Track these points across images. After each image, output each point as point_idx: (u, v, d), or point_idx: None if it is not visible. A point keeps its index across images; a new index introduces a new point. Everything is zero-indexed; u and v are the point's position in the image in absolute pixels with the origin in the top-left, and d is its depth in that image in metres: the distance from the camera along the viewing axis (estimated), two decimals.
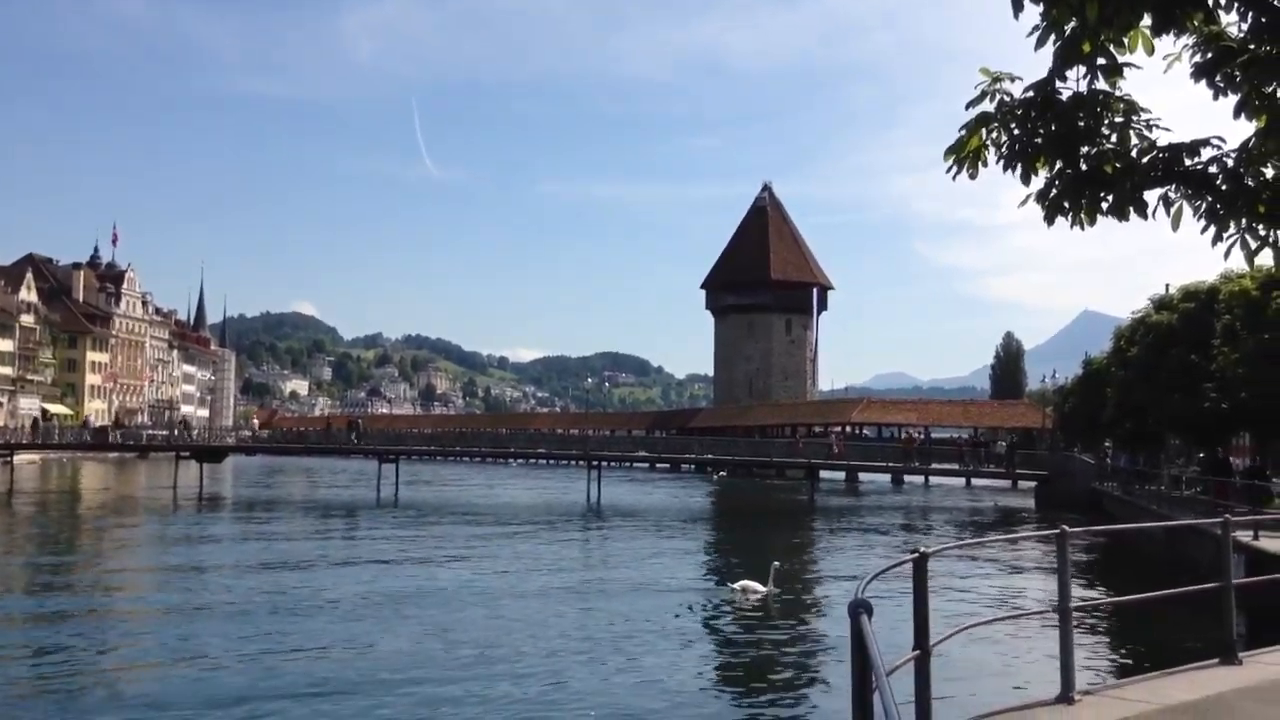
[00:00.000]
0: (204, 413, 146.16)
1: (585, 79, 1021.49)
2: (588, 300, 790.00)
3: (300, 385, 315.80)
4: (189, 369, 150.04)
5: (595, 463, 54.77)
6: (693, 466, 77.42)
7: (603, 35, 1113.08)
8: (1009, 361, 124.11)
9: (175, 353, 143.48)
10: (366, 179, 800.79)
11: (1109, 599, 16.86)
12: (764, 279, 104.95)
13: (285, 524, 37.18)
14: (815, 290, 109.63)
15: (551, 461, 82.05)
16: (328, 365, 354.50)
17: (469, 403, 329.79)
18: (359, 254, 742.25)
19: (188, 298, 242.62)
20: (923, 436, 68.42)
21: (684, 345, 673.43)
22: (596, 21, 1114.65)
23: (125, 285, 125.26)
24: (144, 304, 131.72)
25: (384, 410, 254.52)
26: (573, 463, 65.94)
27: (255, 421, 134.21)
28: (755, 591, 20.84)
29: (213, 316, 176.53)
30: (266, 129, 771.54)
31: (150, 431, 73.99)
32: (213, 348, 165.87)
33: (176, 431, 68.43)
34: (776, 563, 21.79)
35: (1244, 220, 4.42)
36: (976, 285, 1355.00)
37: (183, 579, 23.23)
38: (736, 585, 21.31)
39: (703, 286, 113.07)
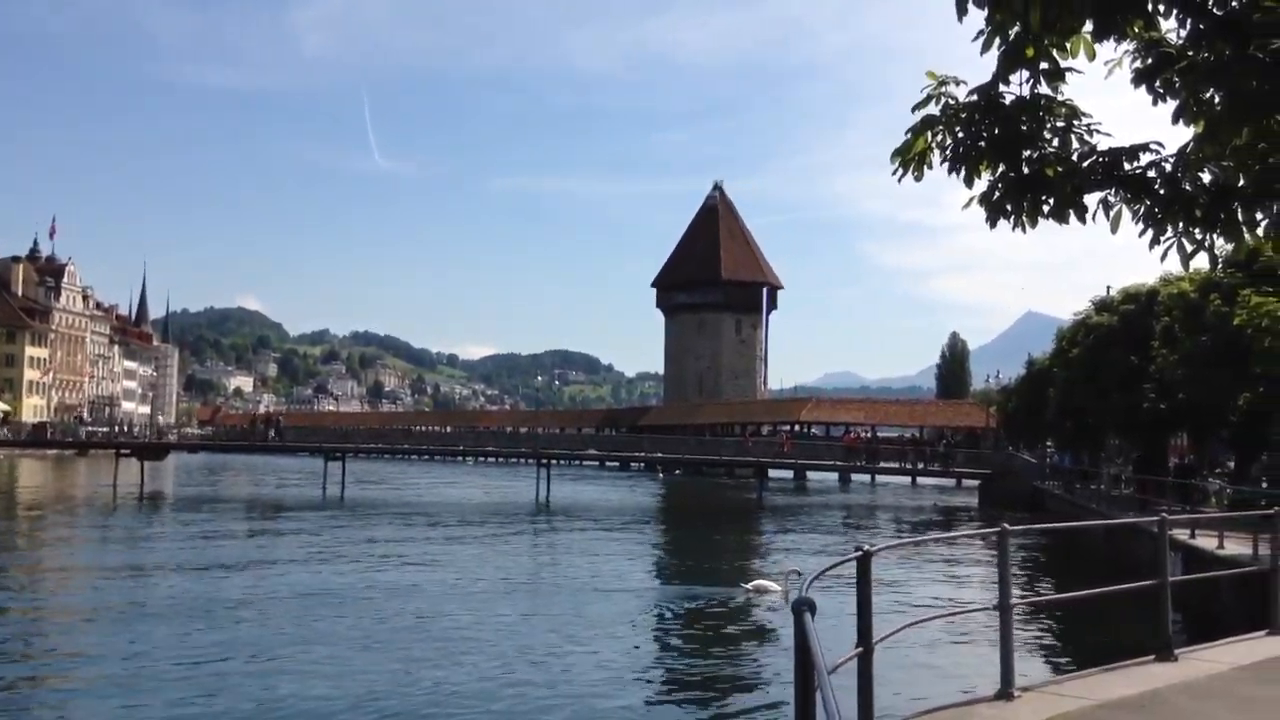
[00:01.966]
0: (145, 409, 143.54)
1: (538, 73, 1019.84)
2: (538, 297, 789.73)
3: (245, 382, 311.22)
4: (130, 365, 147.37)
5: (545, 461, 54.63)
6: (642, 465, 77.47)
7: (557, 29, 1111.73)
8: (954, 361, 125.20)
9: (116, 348, 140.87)
10: (315, 172, 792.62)
11: (1049, 596, 17.11)
12: (715, 278, 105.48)
13: (227, 523, 36.58)
14: (765, 290, 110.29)
15: (501, 460, 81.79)
16: (273, 361, 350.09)
17: (418, 400, 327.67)
18: (306, 249, 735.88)
19: (130, 292, 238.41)
20: (869, 435, 68.98)
21: (634, 343, 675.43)
22: (551, 15, 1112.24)
23: (65, 279, 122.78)
24: (84, 298, 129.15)
25: (330, 407, 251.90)
26: (522, 461, 65.66)
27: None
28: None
29: (155, 311, 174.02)
30: (212, 120, 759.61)
31: (90, 428, 72.51)
32: (155, 343, 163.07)
33: (116, 429, 67.24)
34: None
35: (1180, 224, 4.49)
36: (923, 285, 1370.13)
37: (121, 579, 22.71)
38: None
39: (653, 285, 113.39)
